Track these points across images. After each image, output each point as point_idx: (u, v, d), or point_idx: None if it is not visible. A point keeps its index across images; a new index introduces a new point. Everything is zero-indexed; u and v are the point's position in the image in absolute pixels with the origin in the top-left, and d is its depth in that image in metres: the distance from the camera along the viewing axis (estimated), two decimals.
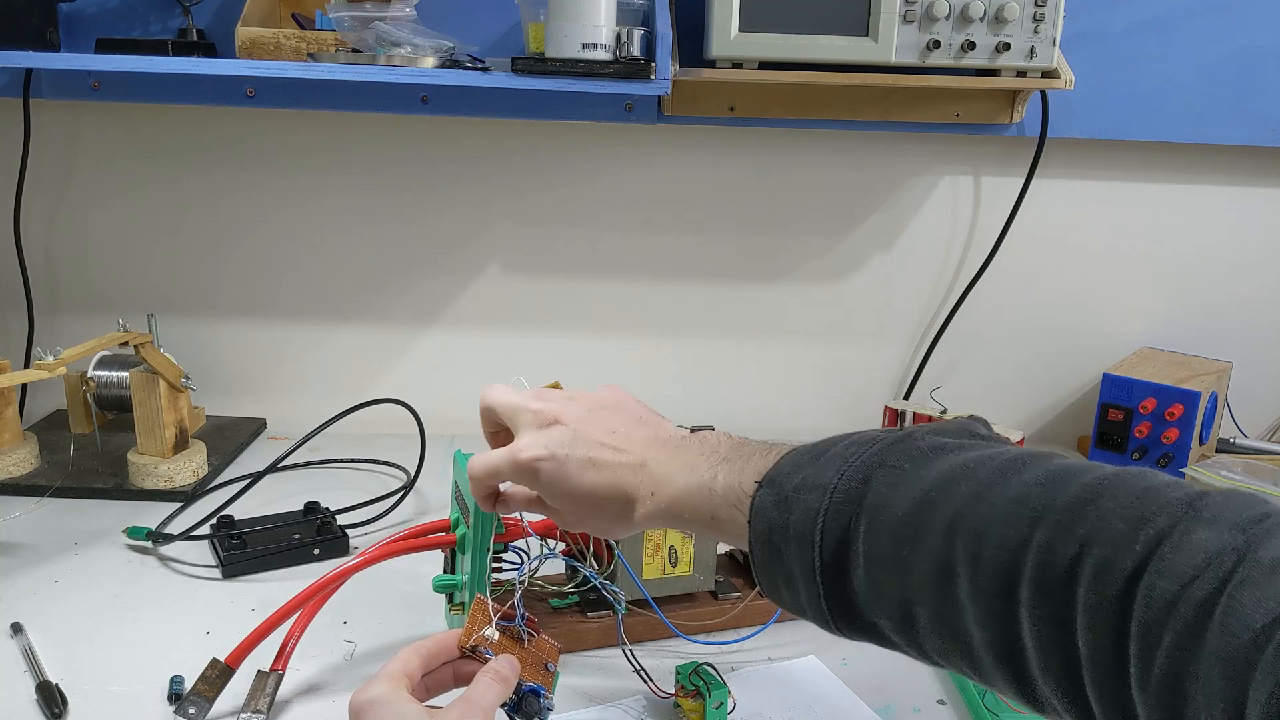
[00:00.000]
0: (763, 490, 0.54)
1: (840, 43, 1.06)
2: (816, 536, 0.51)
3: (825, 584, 0.51)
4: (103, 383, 1.19)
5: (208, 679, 0.73)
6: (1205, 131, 1.25)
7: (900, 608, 0.49)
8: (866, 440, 0.53)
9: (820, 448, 0.54)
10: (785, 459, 0.55)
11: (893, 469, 0.50)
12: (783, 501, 0.52)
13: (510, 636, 0.66)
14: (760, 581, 0.55)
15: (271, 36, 1.05)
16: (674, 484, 0.58)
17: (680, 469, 0.59)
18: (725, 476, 0.57)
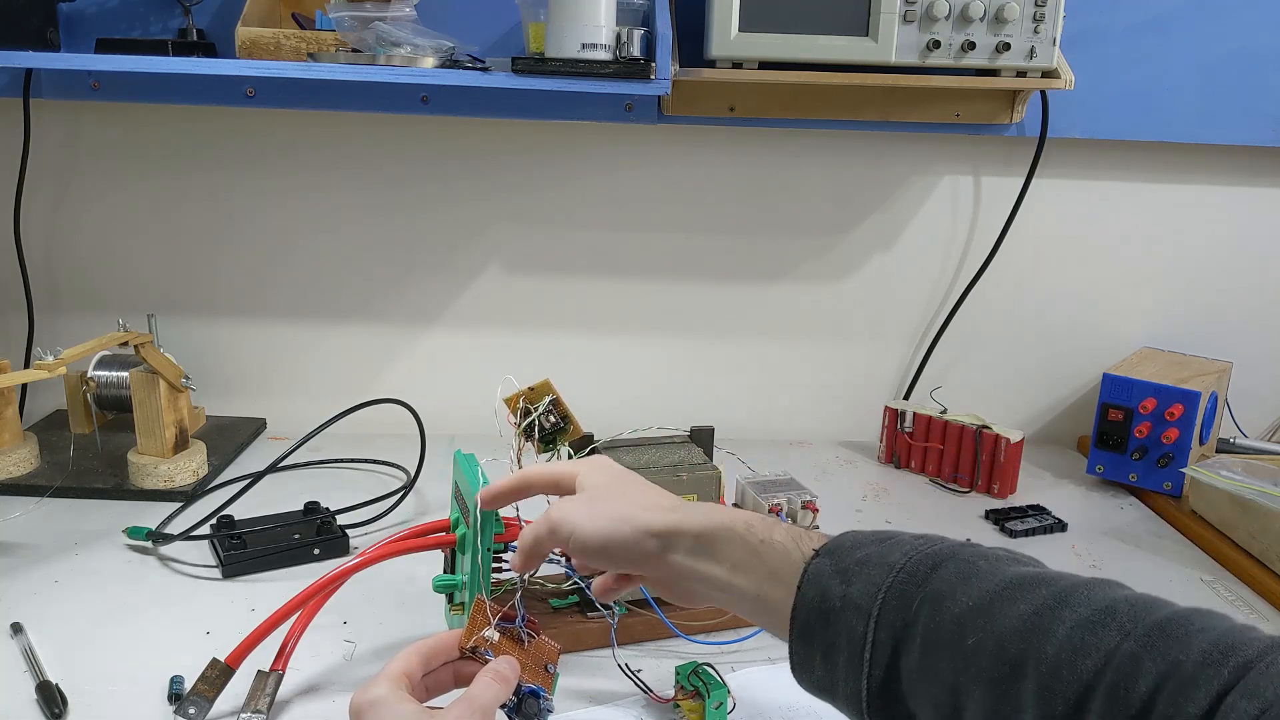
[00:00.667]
0: (820, 559, 0.54)
1: (840, 43, 1.06)
2: (874, 610, 0.50)
3: (873, 659, 0.50)
4: (103, 383, 1.19)
5: (208, 679, 0.73)
6: (1205, 131, 1.25)
7: (951, 696, 0.48)
8: (935, 537, 0.54)
9: (883, 534, 0.55)
10: (844, 536, 0.56)
11: (965, 562, 0.51)
12: (842, 572, 0.53)
13: (510, 638, 0.66)
14: (794, 650, 0.54)
15: (271, 36, 1.05)
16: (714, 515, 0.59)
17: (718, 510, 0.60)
18: (781, 536, 0.57)
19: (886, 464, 1.28)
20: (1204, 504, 1.11)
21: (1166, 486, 1.17)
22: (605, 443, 0.87)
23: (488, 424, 0.87)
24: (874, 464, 1.28)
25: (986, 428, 1.19)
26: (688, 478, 0.83)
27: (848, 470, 1.26)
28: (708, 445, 0.90)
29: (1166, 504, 1.16)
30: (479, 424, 1.02)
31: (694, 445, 0.89)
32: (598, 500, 0.63)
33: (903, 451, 1.26)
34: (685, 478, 0.83)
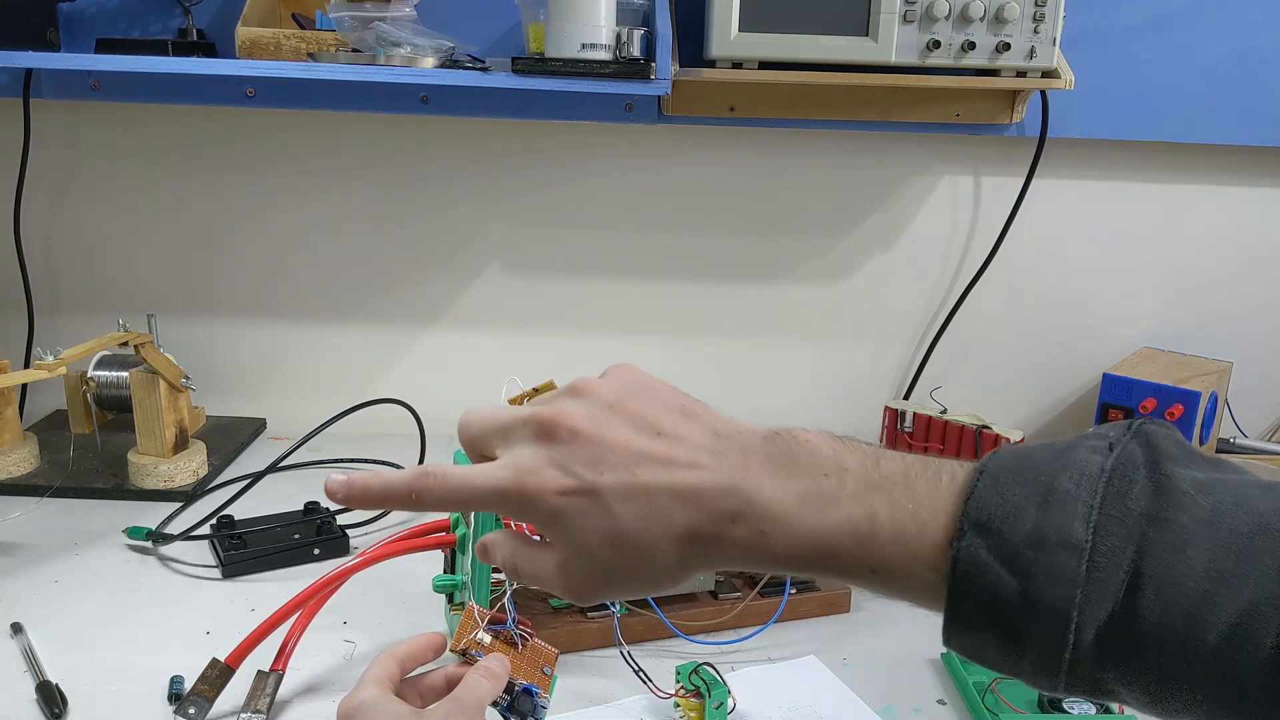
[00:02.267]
0: (969, 538, 0.40)
1: (840, 43, 1.06)
2: (1074, 614, 0.39)
3: (1075, 661, 0.40)
4: (103, 383, 1.18)
5: (208, 679, 0.73)
6: (1206, 131, 1.25)
7: (1171, 684, 0.39)
8: (1094, 472, 0.40)
9: (1031, 481, 0.41)
10: (984, 490, 0.41)
11: (1163, 522, 0.39)
12: (1010, 559, 0.40)
13: (505, 641, 0.66)
14: (957, 641, 0.42)
15: (271, 36, 1.05)
16: (800, 520, 0.42)
17: (801, 495, 0.43)
18: (887, 511, 0.42)
19: None
20: None
21: None
22: None
23: None
24: None
25: (987, 428, 1.19)
26: None
27: None
28: None
29: None
30: None
31: None
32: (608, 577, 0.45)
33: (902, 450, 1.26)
34: None
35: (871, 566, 0.42)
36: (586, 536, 0.43)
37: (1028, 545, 0.39)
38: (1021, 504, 0.40)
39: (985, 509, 0.40)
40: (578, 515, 0.43)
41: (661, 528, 0.42)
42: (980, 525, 0.40)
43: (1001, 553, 0.40)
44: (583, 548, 0.43)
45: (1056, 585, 0.39)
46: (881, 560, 0.42)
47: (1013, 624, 0.40)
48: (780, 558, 0.43)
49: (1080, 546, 0.39)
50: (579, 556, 0.44)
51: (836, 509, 0.42)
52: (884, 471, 0.43)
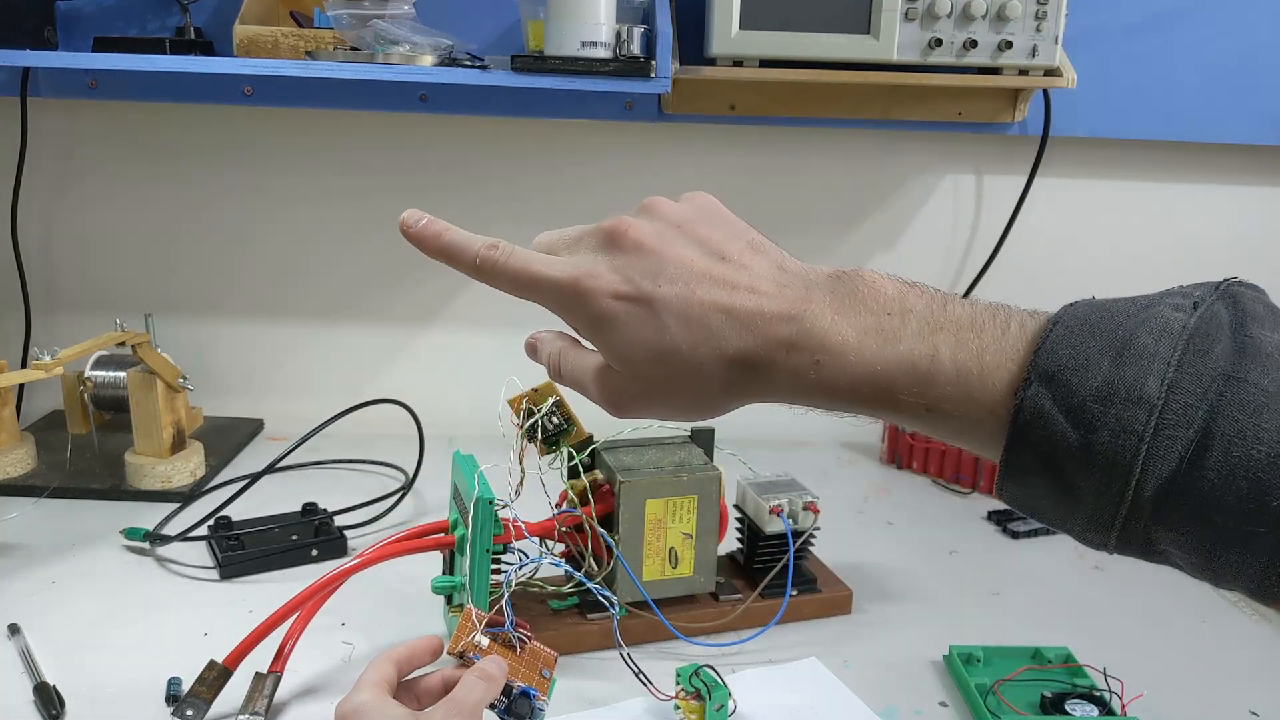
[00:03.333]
0: (1036, 387, 0.40)
1: (841, 41, 1.06)
2: (1136, 468, 0.38)
3: (1130, 518, 0.39)
4: (100, 383, 1.18)
5: (205, 680, 0.73)
6: (1208, 130, 1.25)
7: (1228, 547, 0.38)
8: (1177, 330, 0.39)
9: (1108, 332, 0.40)
10: (1056, 340, 0.40)
11: (1242, 383, 0.38)
12: (1076, 411, 0.39)
13: (503, 644, 0.66)
14: (1010, 491, 0.42)
15: (269, 35, 1.04)
16: (858, 353, 0.42)
17: (862, 330, 0.43)
18: (950, 351, 0.41)
19: (888, 465, 1.27)
20: None
21: None
22: (605, 442, 0.86)
23: (487, 425, 0.87)
24: (875, 465, 1.28)
25: None
26: (688, 478, 0.82)
27: (849, 471, 1.26)
28: (708, 445, 0.89)
29: None
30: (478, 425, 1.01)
31: (695, 445, 0.88)
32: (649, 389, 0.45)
33: (904, 452, 1.26)
34: (686, 478, 0.82)
35: (927, 405, 0.42)
36: (633, 346, 0.43)
37: (1096, 399, 0.38)
38: (1094, 357, 0.39)
39: (1055, 359, 0.40)
40: (628, 322, 0.43)
41: (712, 348, 0.42)
42: (1048, 375, 0.39)
43: (1067, 405, 0.39)
44: (628, 357, 0.43)
45: (1120, 440, 0.38)
46: (939, 399, 0.41)
47: (1070, 476, 0.39)
48: (832, 390, 0.42)
49: (1152, 403, 0.38)
50: (623, 365, 0.44)
51: (897, 345, 0.42)
52: (950, 314, 0.43)
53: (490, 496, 0.74)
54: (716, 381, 0.43)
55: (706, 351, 0.42)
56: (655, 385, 0.44)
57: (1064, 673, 0.79)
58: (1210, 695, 0.80)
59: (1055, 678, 0.79)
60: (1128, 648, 0.85)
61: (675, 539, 0.83)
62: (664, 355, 0.42)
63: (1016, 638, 0.84)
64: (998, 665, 0.80)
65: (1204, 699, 0.79)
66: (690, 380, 0.43)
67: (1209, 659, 0.85)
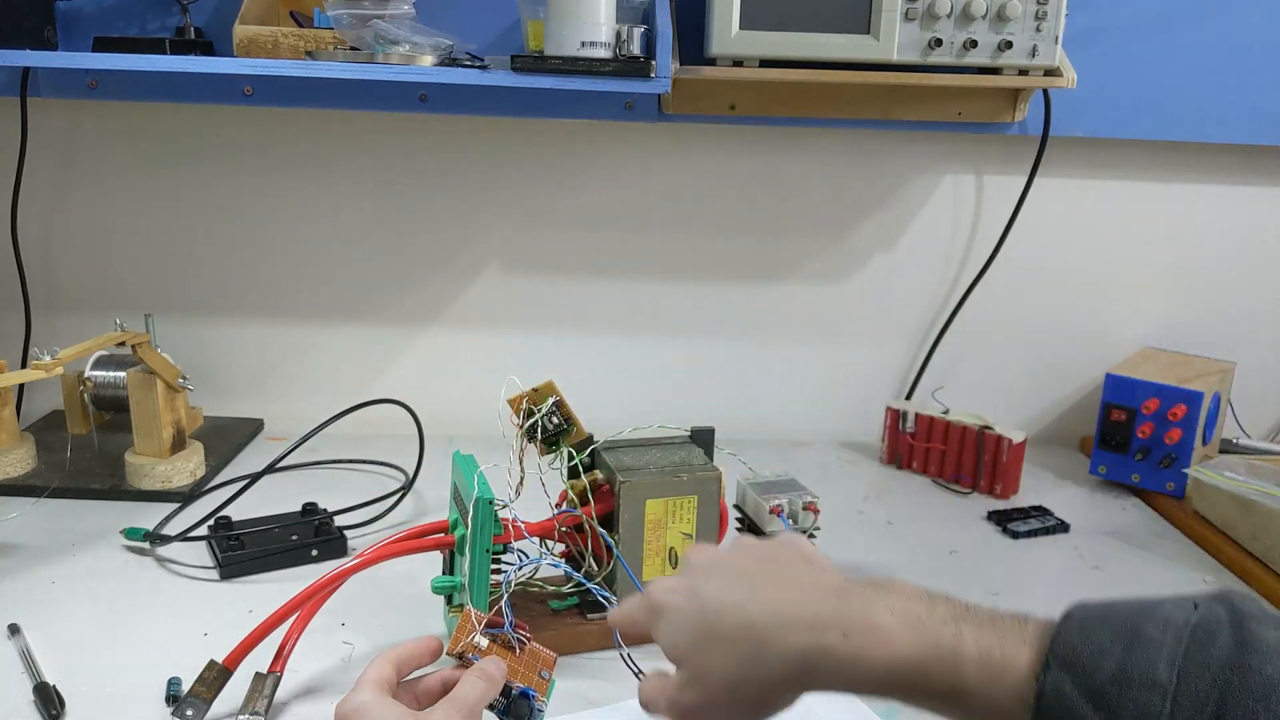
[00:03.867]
0: (1054, 673, 0.43)
1: (841, 41, 1.06)
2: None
3: None
4: (100, 383, 1.18)
5: (205, 680, 0.73)
6: (1209, 130, 1.25)
7: None
8: (1180, 624, 0.43)
9: (1118, 625, 0.44)
10: (1070, 630, 0.44)
11: (1251, 672, 0.41)
12: (1094, 694, 0.42)
13: (502, 645, 0.66)
14: None
15: (269, 35, 1.04)
16: (900, 636, 0.47)
17: (900, 615, 0.48)
18: (974, 636, 0.46)
19: (888, 465, 1.27)
20: (1207, 505, 1.10)
21: (1169, 487, 1.16)
22: (605, 443, 0.86)
23: (487, 425, 0.87)
24: (875, 465, 1.28)
25: (989, 428, 1.18)
26: (688, 478, 0.82)
27: (849, 471, 1.26)
28: (708, 445, 0.89)
29: (1169, 505, 1.15)
30: (478, 425, 1.01)
31: (695, 445, 0.88)
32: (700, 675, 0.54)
33: (904, 452, 1.26)
34: (686, 478, 0.82)
35: (956, 687, 0.46)
36: (681, 632, 0.55)
37: (1112, 683, 0.42)
38: (1106, 645, 0.43)
39: (1070, 646, 0.43)
40: (674, 610, 0.56)
41: (773, 630, 0.50)
42: (1066, 661, 0.43)
43: (1087, 688, 0.42)
44: (680, 645, 0.55)
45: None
46: (966, 683, 0.45)
47: None
48: (879, 671, 0.47)
49: (1164, 687, 0.41)
50: (679, 650, 0.55)
51: (927, 628, 0.47)
52: (972, 610, 0.48)
53: (490, 496, 0.74)
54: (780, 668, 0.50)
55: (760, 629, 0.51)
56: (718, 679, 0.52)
57: None
58: None
59: None
60: None
61: (675, 539, 0.83)
62: (713, 637, 0.53)
63: None
64: None
65: None
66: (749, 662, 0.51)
67: None
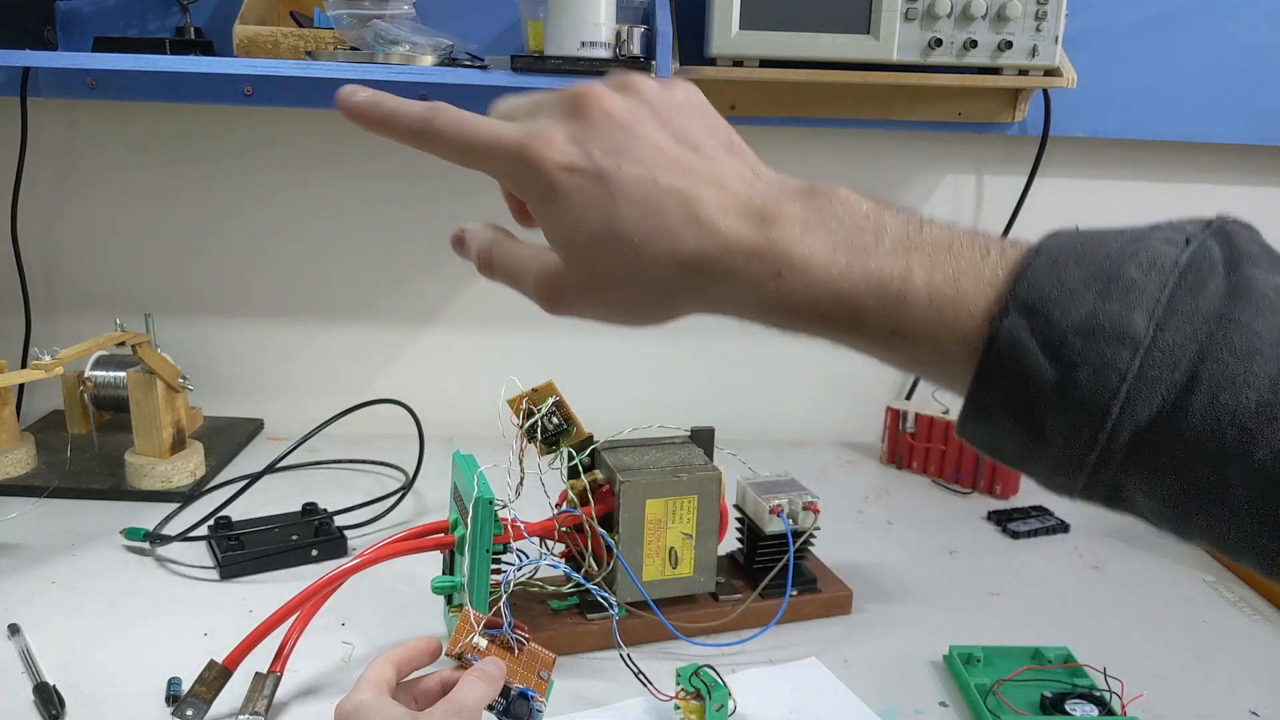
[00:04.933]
0: (1014, 317, 0.36)
1: (842, 41, 1.06)
2: (1114, 411, 0.35)
3: (1102, 464, 0.36)
4: (100, 383, 1.18)
5: (205, 680, 0.73)
6: (1209, 130, 1.25)
7: (1200, 501, 0.36)
8: (1168, 264, 0.36)
9: (1095, 264, 0.37)
10: (1039, 269, 0.37)
11: (1239, 326, 0.35)
12: (1055, 345, 0.36)
13: (501, 645, 0.66)
14: (972, 427, 0.39)
15: (269, 35, 1.04)
16: (825, 268, 0.39)
17: (832, 244, 0.39)
18: (925, 272, 0.38)
19: (888, 465, 1.27)
20: None
21: None
22: (605, 443, 0.86)
23: (487, 424, 0.87)
24: (875, 465, 1.28)
25: None
26: (688, 478, 0.82)
27: (849, 471, 1.26)
28: (708, 445, 0.89)
29: None
30: (478, 424, 1.01)
31: (694, 445, 0.88)
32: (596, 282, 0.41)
33: (904, 452, 1.26)
34: (686, 478, 0.82)
35: (893, 328, 0.39)
36: (578, 228, 0.39)
37: (1078, 333, 0.36)
38: (1079, 289, 0.36)
39: (1037, 289, 0.37)
40: (577, 199, 0.39)
41: (666, 242, 0.39)
42: (1027, 306, 0.36)
43: (1046, 337, 0.36)
44: (571, 240, 0.39)
45: (1101, 379, 0.35)
46: (908, 323, 0.38)
47: (1041, 415, 0.37)
48: (792, 305, 0.40)
49: (1138, 341, 0.35)
50: (565, 250, 0.40)
51: (867, 262, 0.38)
52: (927, 236, 0.39)
53: (490, 496, 0.74)
54: (664, 283, 0.40)
55: (659, 246, 0.38)
56: (597, 278, 0.40)
57: (1064, 673, 0.79)
58: (1210, 695, 0.80)
59: (1055, 678, 0.79)
60: (1128, 648, 0.85)
61: (675, 539, 0.83)
62: (612, 242, 0.38)
63: (1016, 638, 0.84)
64: (998, 665, 0.80)
65: (1204, 699, 0.79)
66: (636, 277, 0.39)
67: (1209, 659, 0.85)
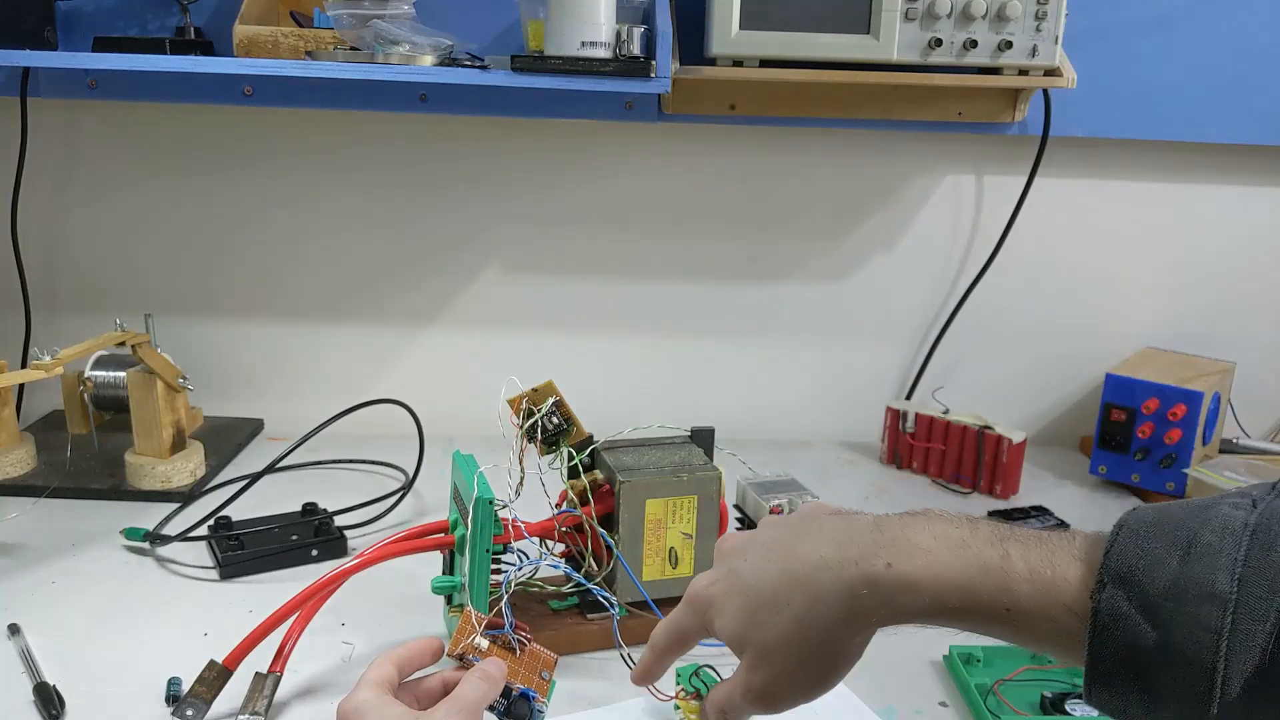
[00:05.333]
0: (1110, 589, 0.41)
1: (841, 41, 1.06)
2: (1220, 665, 0.39)
3: (1220, 714, 0.40)
4: (100, 383, 1.18)
5: (205, 680, 0.73)
6: (1209, 130, 1.25)
7: None
8: (1239, 527, 0.41)
9: (1172, 534, 0.42)
10: (1123, 543, 0.42)
11: None
12: (1150, 609, 0.40)
13: (503, 646, 0.66)
14: (1098, 695, 0.43)
15: (269, 34, 1.04)
16: (942, 556, 0.46)
17: (940, 537, 0.47)
18: (1021, 553, 0.45)
19: (888, 465, 1.27)
20: None
21: (1169, 487, 1.16)
22: (605, 443, 0.86)
23: (487, 425, 0.87)
24: (875, 465, 1.28)
25: (989, 428, 1.18)
26: (688, 478, 0.82)
27: (849, 471, 1.26)
28: (708, 445, 0.89)
29: None
30: (478, 425, 1.01)
31: (695, 445, 0.88)
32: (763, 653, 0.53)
33: (904, 452, 1.26)
34: (685, 478, 0.82)
35: (1007, 605, 0.44)
36: (729, 609, 0.54)
37: (1167, 597, 0.40)
38: (1162, 556, 0.41)
39: (1125, 560, 0.41)
40: (721, 592, 0.54)
41: (819, 574, 0.50)
42: (1120, 576, 0.41)
43: (1142, 604, 0.40)
44: (730, 622, 0.54)
45: (1198, 637, 0.39)
46: (1019, 602, 0.44)
47: (1154, 676, 0.40)
48: (926, 595, 0.47)
49: (1224, 598, 0.39)
50: (730, 628, 0.54)
51: (970, 548, 0.46)
52: (1015, 530, 0.46)
53: (490, 496, 0.74)
54: (829, 612, 0.50)
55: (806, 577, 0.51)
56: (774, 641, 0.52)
57: (1064, 673, 0.79)
58: None
59: (1055, 678, 0.79)
60: None
61: (675, 539, 0.83)
62: (760, 600, 0.52)
63: None
64: (998, 665, 0.80)
65: None
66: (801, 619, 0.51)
67: None
